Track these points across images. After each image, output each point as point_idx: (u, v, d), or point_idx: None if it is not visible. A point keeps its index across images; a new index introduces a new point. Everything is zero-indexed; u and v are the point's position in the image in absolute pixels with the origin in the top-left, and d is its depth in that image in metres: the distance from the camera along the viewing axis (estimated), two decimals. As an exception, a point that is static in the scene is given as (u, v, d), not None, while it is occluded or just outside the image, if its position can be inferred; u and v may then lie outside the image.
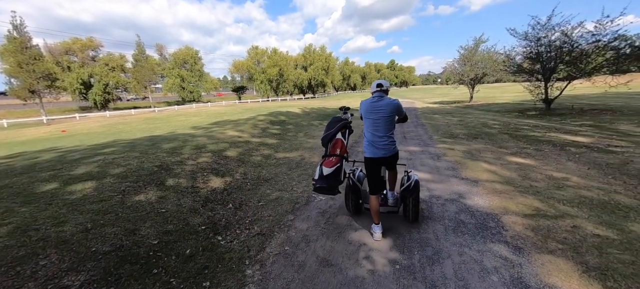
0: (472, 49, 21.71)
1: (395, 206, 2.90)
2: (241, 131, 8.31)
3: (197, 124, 10.65)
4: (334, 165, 2.52)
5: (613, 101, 15.70)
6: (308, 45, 54.41)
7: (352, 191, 2.93)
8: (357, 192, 2.94)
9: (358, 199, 2.98)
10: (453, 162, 5.09)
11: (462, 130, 8.59)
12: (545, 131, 8.01)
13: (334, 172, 2.50)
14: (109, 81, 37.90)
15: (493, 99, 24.28)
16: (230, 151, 5.85)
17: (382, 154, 2.54)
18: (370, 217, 2.93)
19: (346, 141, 2.79)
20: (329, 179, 2.48)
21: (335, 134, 2.75)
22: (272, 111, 14.03)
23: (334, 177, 2.50)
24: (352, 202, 2.98)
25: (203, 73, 50.36)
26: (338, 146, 2.69)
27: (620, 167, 4.49)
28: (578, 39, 11.58)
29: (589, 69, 11.57)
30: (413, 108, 18.39)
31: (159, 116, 18.12)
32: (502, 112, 14.64)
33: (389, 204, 2.92)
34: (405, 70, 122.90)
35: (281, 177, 4.58)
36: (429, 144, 6.88)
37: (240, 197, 3.72)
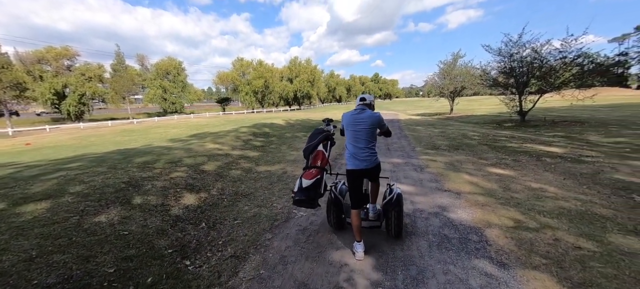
0: (450, 63, 22.65)
1: (378, 221, 2.79)
2: (221, 143, 8.02)
3: (176, 137, 10.22)
4: (314, 177, 2.43)
5: (580, 113, 16.71)
6: (294, 58, 54.86)
7: (334, 205, 2.81)
8: (339, 206, 2.82)
9: (340, 213, 2.86)
10: (436, 174, 5.08)
11: (444, 141, 8.73)
12: (521, 141, 8.29)
13: (313, 184, 2.41)
14: (85, 92, 36.21)
15: (472, 111, 25.25)
16: (208, 165, 5.56)
17: (364, 166, 2.48)
18: (352, 232, 2.79)
19: (328, 153, 2.70)
20: (308, 191, 2.39)
21: (316, 145, 2.66)
22: (256, 123, 13.79)
23: (313, 190, 2.41)
24: (334, 216, 2.86)
25: (186, 84, 49.32)
26: (319, 158, 2.61)
27: (593, 177, 4.64)
28: (547, 56, 12.32)
29: (558, 83, 12.28)
30: (396, 120, 18.72)
31: (136, 128, 17.31)
32: (480, 124, 15.17)
33: (371, 218, 2.80)
34: (388, 83, 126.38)
35: (261, 192, 4.37)
36: (412, 155, 6.90)
37: (215, 215, 3.47)
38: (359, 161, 2.48)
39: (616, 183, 4.27)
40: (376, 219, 2.79)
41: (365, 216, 2.81)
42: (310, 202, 2.44)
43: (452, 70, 22.37)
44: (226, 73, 46.94)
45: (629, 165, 5.31)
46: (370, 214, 2.81)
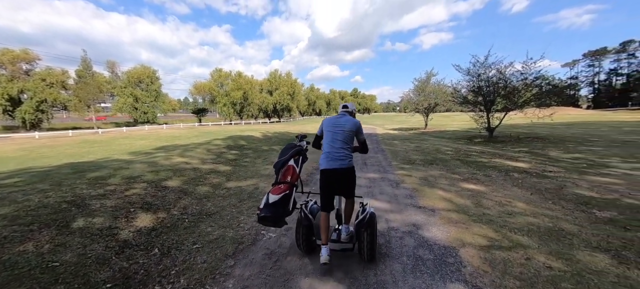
0: (424, 81, 23.73)
1: (350, 242, 2.56)
2: (190, 157, 7.53)
3: (141, 149, 9.49)
4: (282, 192, 2.27)
5: (540, 130, 18.01)
6: (274, 71, 54.89)
7: (304, 226, 2.59)
8: (309, 228, 2.60)
9: (311, 235, 2.63)
10: (411, 190, 5.04)
11: (419, 156, 8.87)
12: (490, 156, 8.63)
13: (281, 200, 2.24)
14: (46, 98, 33.31)
15: (445, 127, 26.41)
16: (173, 181, 5.12)
17: (338, 166, 2.43)
18: None
19: (299, 169, 2.55)
20: (275, 207, 2.22)
21: (287, 160, 2.50)
22: (232, 135, 13.30)
23: (280, 206, 2.24)
24: (304, 238, 2.61)
25: (160, 93, 47.24)
26: (289, 173, 2.46)
27: (557, 192, 4.83)
28: (510, 77, 13.24)
29: (521, 102, 13.18)
30: (374, 134, 19.02)
31: (99, 139, 16.01)
32: (453, 139, 15.79)
33: (343, 239, 2.56)
34: (367, 98, 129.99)
35: (228, 210, 4.03)
36: (388, 170, 6.88)
37: (171, 238, 3.09)
38: (333, 161, 2.44)
39: (578, 198, 4.46)
40: (349, 240, 2.56)
41: (337, 237, 2.61)
42: (276, 220, 2.24)
43: (426, 87, 23.41)
44: (203, 83, 45.68)
45: (586, 180, 5.63)
46: (343, 236, 2.57)
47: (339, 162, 2.43)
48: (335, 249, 2.55)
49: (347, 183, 2.52)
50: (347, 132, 2.50)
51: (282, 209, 2.24)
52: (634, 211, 3.82)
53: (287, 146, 2.71)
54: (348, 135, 2.51)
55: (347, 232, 2.60)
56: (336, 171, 2.43)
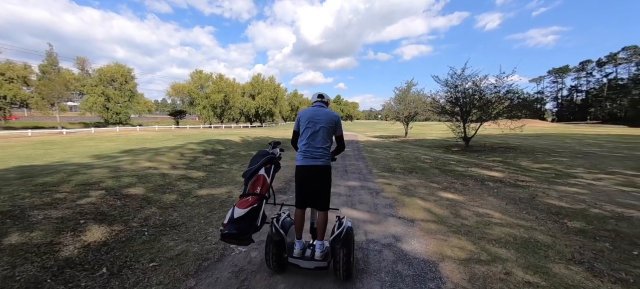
0: (405, 90, 24.38)
1: (325, 261, 2.30)
2: (160, 161, 7.03)
3: (105, 152, 8.77)
4: (250, 205, 2.04)
5: (512, 141, 18.98)
6: (257, 75, 54.18)
7: (274, 242, 2.34)
8: (280, 244, 2.35)
9: (282, 252, 2.38)
10: (390, 199, 4.95)
11: (399, 164, 8.91)
12: (467, 166, 8.84)
13: (247, 214, 2.01)
14: (4, 94, 30.45)
15: (424, 135, 27.18)
16: (136, 188, 4.68)
17: (314, 163, 2.33)
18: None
19: (270, 179, 2.33)
20: (240, 223, 1.98)
21: (258, 169, 2.27)
22: (209, 139, 12.74)
23: (247, 221, 2.01)
24: (274, 255, 2.36)
25: (135, 93, 44.94)
26: (259, 184, 2.22)
27: (529, 202, 4.94)
28: (485, 89, 13.85)
29: (494, 113, 13.80)
30: (355, 141, 19.09)
31: (61, 139, 14.74)
32: (432, 147, 16.18)
33: (317, 257, 2.30)
34: (350, 106, 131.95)
35: (196, 221, 3.70)
36: (368, 178, 6.79)
37: (125, 255, 2.73)
38: (310, 159, 2.33)
39: (549, 208, 4.58)
40: (323, 258, 2.31)
41: (310, 254, 2.37)
42: (241, 237, 1.98)
43: (407, 96, 24.04)
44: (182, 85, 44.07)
45: (555, 190, 5.85)
46: (317, 253, 2.31)
47: (315, 161, 2.33)
48: (309, 267, 2.32)
49: (322, 184, 2.37)
50: (327, 128, 2.37)
51: (249, 225, 2.00)
52: (601, 221, 3.95)
53: (259, 153, 2.48)
54: (327, 132, 2.39)
55: (322, 249, 2.33)
56: (312, 168, 2.32)
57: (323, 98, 2.52)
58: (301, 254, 2.33)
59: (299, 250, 2.34)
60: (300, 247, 2.36)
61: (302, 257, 2.32)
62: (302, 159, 2.37)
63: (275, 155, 2.50)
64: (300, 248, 2.35)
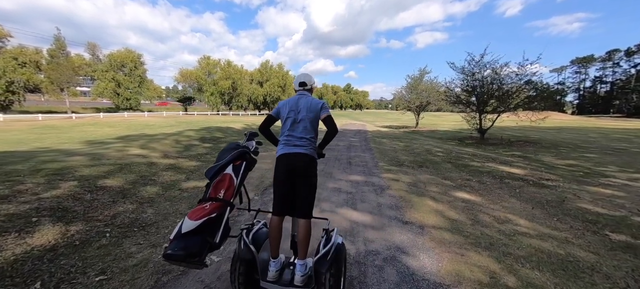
0: (417, 78, 23.20)
1: (306, 287, 1.76)
2: (152, 148, 6.64)
3: (100, 138, 8.48)
4: (206, 215, 1.51)
5: (531, 134, 17.83)
6: (265, 61, 53.38)
7: (242, 261, 1.82)
8: (250, 263, 1.82)
9: (252, 272, 1.84)
10: (397, 198, 4.36)
11: (408, 157, 8.25)
12: (483, 160, 8.09)
13: (200, 228, 1.48)
14: (17, 78, 31.01)
15: (436, 126, 26.10)
16: (114, 179, 4.26)
17: (297, 150, 1.91)
18: None
19: (238, 180, 1.78)
20: (188, 239, 1.45)
21: (224, 166, 1.75)
22: (209, 126, 12.35)
23: (198, 237, 1.48)
24: (241, 277, 1.83)
25: (145, 79, 45.13)
26: (223, 186, 1.68)
27: (559, 206, 4.25)
28: (505, 78, 12.78)
29: (514, 104, 12.76)
30: (364, 131, 18.39)
31: (65, 124, 14.72)
32: (444, 139, 15.32)
33: (296, 282, 1.76)
34: (360, 95, 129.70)
35: (171, 220, 3.24)
36: (374, 172, 6.20)
37: (72, 264, 2.29)
38: (291, 147, 1.93)
39: (584, 215, 3.89)
40: (305, 284, 1.77)
41: (290, 278, 1.84)
42: (189, 259, 1.44)
43: (419, 85, 22.90)
44: (190, 71, 43.90)
45: (587, 191, 5.11)
46: (297, 277, 1.77)
47: (299, 148, 1.93)
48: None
49: (306, 179, 1.90)
50: (310, 118, 2.00)
51: (201, 242, 1.47)
52: (652, 235, 3.26)
53: (229, 147, 1.95)
54: (312, 121, 2.02)
55: (303, 271, 1.79)
56: (296, 156, 1.90)
57: (306, 85, 2.14)
58: (277, 277, 1.81)
59: (274, 271, 1.80)
60: (276, 267, 1.82)
61: (279, 280, 1.81)
62: (283, 147, 1.97)
63: (249, 149, 1.97)
64: (276, 268, 1.81)
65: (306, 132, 1.98)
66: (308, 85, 2.14)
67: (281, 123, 2.06)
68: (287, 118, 2.02)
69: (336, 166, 6.80)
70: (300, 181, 1.89)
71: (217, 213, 1.56)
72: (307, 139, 1.97)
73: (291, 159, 1.90)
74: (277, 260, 1.85)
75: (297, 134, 1.97)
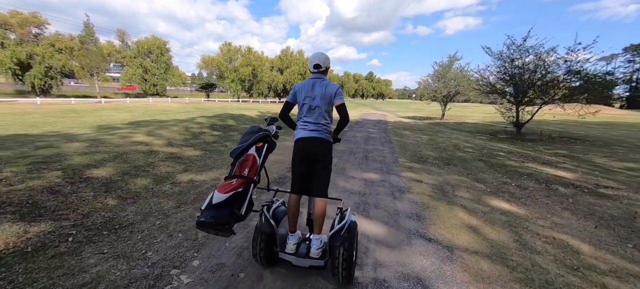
0: (446, 65, 21.39)
1: (321, 259, 1.93)
2: (158, 135, 6.36)
3: (112, 123, 8.43)
4: (233, 190, 1.65)
5: (573, 130, 15.85)
6: (285, 48, 52.75)
7: (263, 234, 1.98)
8: (271, 236, 1.99)
9: (272, 244, 2.03)
10: (419, 204, 3.65)
11: (433, 152, 7.37)
12: (521, 159, 7.03)
13: (228, 200, 1.61)
14: (54, 64, 33.10)
15: (463, 118, 24.28)
16: (103, 169, 3.94)
17: (314, 135, 2.04)
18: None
19: (262, 160, 1.91)
20: (219, 210, 1.60)
21: (248, 147, 1.89)
22: (223, 113, 12.08)
23: (228, 208, 1.62)
24: (262, 250, 2.00)
25: (170, 66, 46.48)
26: (247, 165, 1.82)
27: (630, 225, 3.32)
28: (551, 64, 11.15)
29: (560, 95, 11.16)
30: (384, 121, 17.38)
31: (84, 108, 15.27)
32: (473, 133, 13.99)
33: (312, 255, 1.94)
34: (382, 83, 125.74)
35: (150, 222, 2.81)
36: (392, 169, 5.46)
37: (10, 278, 1.88)
38: (308, 132, 2.06)
39: (672, 241, 2.96)
40: (320, 256, 1.94)
41: (306, 251, 2.00)
42: (220, 227, 1.57)
43: (447, 72, 21.14)
44: (212, 57, 44.47)
45: (666, 206, 4.05)
46: (313, 250, 1.95)
47: (315, 133, 2.06)
48: (302, 266, 1.99)
49: (322, 162, 2.06)
50: (325, 104, 2.07)
51: (230, 213, 1.62)
52: None
53: (251, 130, 2.07)
54: (327, 107, 2.10)
55: (319, 244, 1.98)
56: (312, 140, 2.04)
57: (320, 67, 2.12)
58: (295, 250, 2.00)
59: (292, 244, 2.01)
60: (294, 241, 2.03)
61: (296, 253, 1.98)
62: (301, 131, 2.10)
63: (270, 132, 2.08)
64: (294, 242, 2.02)
65: (321, 118, 2.07)
66: (322, 66, 2.11)
67: (298, 108, 2.14)
68: (303, 104, 2.09)
69: (351, 160, 6.14)
70: (317, 164, 2.03)
71: (243, 188, 1.68)
72: (322, 124, 2.07)
73: (308, 143, 2.03)
74: (295, 234, 2.05)
75: (313, 120, 2.07)
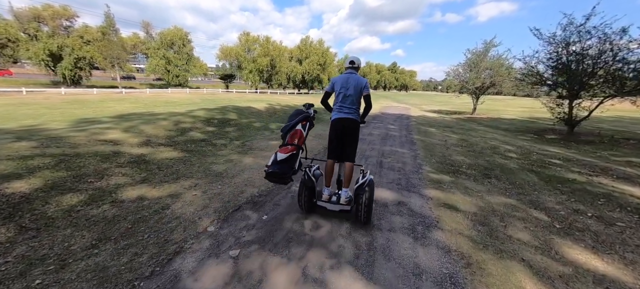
0: (480, 53, 18.89)
1: (348, 205, 2.70)
2: (139, 132, 5.53)
3: (99, 116, 7.78)
4: (290, 152, 2.47)
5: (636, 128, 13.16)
6: (305, 38, 51.20)
7: (306, 186, 2.80)
8: (311, 188, 2.81)
9: (312, 196, 2.84)
10: (454, 256, 2.36)
11: (467, 157, 5.90)
12: (587, 171, 5.36)
13: (288, 159, 2.45)
14: (84, 55, 34.51)
15: (497, 113, 21.70)
16: (32, 179, 3.06)
17: (347, 116, 2.79)
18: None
19: (306, 134, 2.72)
20: (282, 164, 2.42)
21: (295, 125, 2.70)
22: (229, 106, 11.22)
23: (287, 164, 2.45)
24: (305, 198, 2.82)
25: (192, 57, 47.03)
26: (296, 136, 2.65)
27: None
28: (622, 49, 8.92)
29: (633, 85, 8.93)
30: (406, 116, 15.67)
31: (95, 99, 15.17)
32: (512, 132, 12.01)
33: (342, 202, 2.71)
34: (406, 74, 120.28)
35: (34, 275, 1.83)
36: (414, 184, 4.15)
37: None
38: (343, 113, 2.80)
39: None
40: (347, 203, 2.70)
41: (337, 200, 2.76)
42: (283, 176, 2.40)
43: (482, 61, 18.68)
44: (230, 48, 44.24)
45: None
46: (342, 199, 2.73)
47: (348, 114, 2.79)
48: (334, 210, 2.73)
49: (351, 137, 2.80)
50: (356, 92, 2.79)
51: (289, 167, 2.43)
52: None
53: (295, 112, 2.85)
54: (356, 95, 2.81)
55: (346, 196, 2.71)
56: (345, 120, 2.78)
57: (354, 64, 2.94)
58: (328, 199, 2.75)
59: (327, 195, 2.77)
60: (328, 193, 2.79)
61: (329, 201, 2.73)
62: (337, 113, 2.85)
63: (310, 114, 2.88)
64: (328, 194, 2.79)
65: (353, 104, 2.82)
66: (356, 64, 2.94)
67: (334, 96, 2.91)
68: (339, 93, 2.84)
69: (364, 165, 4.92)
70: (348, 138, 2.81)
71: (295, 152, 2.51)
72: (353, 109, 2.83)
73: (342, 122, 2.80)
74: (329, 189, 2.83)
75: (347, 105, 2.82)
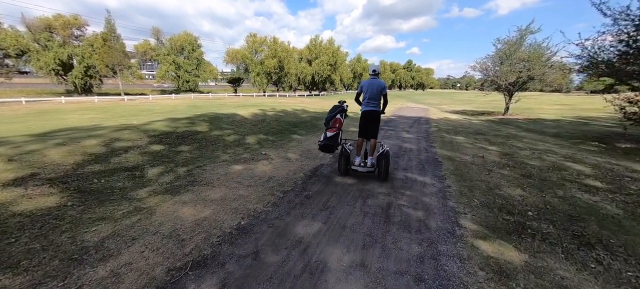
0: (514, 42, 16.01)
1: (373, 168, 4.12)
2: (36, 158, 3.75)
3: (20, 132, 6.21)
4: (335, 130, 4.07)
5: None
6: (314, 37, 49.26)
7: (343, 156, 4.20)
8: (347, 158, 4.21)
9: (347, 163, 4.23)
10: None
11: (525, 190, 3.64)
12: None
13: (334, 136, 4.03)
14: (93, 63, 34.61)
15: (533, 112, 18.65)
16: None
17: (372, 109, 4.19)
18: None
19: (343, 121, 4.29)
20: (331, 139, 4.00)
21: (335, 115, 4.22)
22: (206, 114, 9.44)
23: (334, 140, 4.02)
24: (343, 165, 4.21)
25: (202, 61, 46.59)
26: (337, 123, 4.17)
27: None
28: None
29: None
30: (425, 120, 13.21)
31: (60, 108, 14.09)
32: (566, 139, 9.36)
33: (368, 166, 4.13)
34: (422, 72, 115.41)
35: None
36: (449, 276, 2.02)
37: None
38: (370, 107, 4.18)
39: None
40: (372, 167, 4.12)
41: (364, 165, 4.15)
42: (332, 147, 4.04)
43: (516, 51, 15.80)
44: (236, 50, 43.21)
45: None
46: (368, 163, 4.15)
47: (373, 107, 4.17)
48: (363, 171, 4.14)
49: (375, 123, 4.18)
50: (377, 91, 4.15)
51: (334, 141, 4.02)
52: None
53: (334, 107, 4.39)
54: (377, 93, 4.16)
55: (371, 162, 4.17)
56: (371, 111, 4.17)
57: (375, 72, 4.21)
58: (359, 165, 4.15)
59: (358, 162, 4.18)
60: (359, 161, 4.19)
61: (359, 166, 4.15)
62: (365, 106, 4.22)
63: (344, 108, 4.43)
64: (359, 161, 4.19)
65: (375, 100, 4.17)
66: (377, 71, 4.21)
67: (363, 95, 4.27)
68: (366, 92, 4.18)
69: (349, 225, 2.81)
70: (373, 123, 4.17)
71: (338, 132, 4.09)
72: (376, 103, 4.18)
73: (370, 113, 4.16)
74: (360, 157, 4.22)
75: (372, 101, 4.16)
